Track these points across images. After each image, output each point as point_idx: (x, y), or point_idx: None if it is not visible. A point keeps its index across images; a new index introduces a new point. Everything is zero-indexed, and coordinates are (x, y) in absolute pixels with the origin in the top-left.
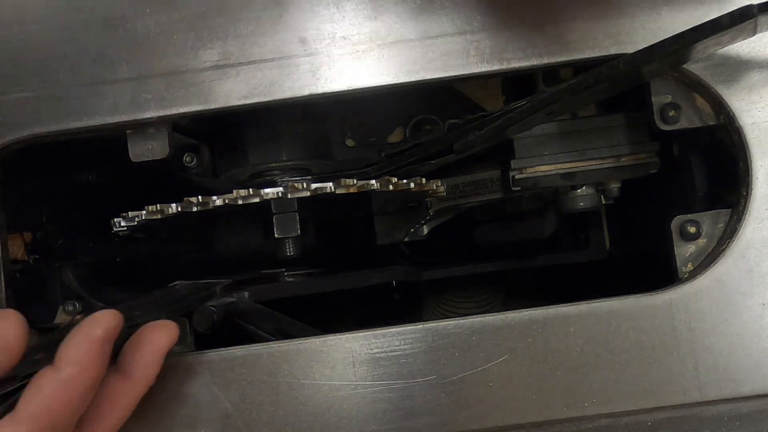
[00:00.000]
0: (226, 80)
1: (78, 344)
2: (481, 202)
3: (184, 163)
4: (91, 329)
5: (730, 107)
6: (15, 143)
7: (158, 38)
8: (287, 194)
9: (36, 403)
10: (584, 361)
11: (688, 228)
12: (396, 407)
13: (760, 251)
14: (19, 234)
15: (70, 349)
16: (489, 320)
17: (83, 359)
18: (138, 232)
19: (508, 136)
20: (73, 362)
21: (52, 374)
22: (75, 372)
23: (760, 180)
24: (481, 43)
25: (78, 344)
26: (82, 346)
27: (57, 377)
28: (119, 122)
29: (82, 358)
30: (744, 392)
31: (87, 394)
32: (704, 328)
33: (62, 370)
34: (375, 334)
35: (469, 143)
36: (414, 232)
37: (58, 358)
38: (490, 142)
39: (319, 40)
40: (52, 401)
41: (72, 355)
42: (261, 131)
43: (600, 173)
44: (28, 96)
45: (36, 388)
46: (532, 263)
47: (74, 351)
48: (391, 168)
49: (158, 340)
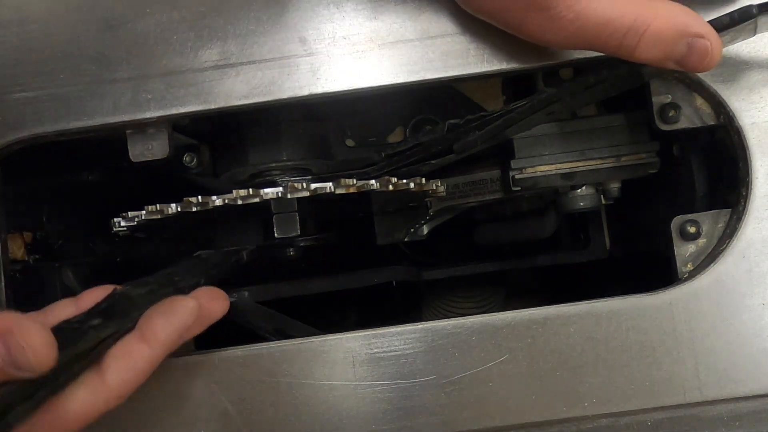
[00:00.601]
0: (226, 80)
1: (173, 329)
2: (481, 202)
3: (184, 163)
4: (185, 318)
5: (730, 107)
6: (15, 143)
7: (158, 38)
8: (287, 194)
9: (126, 374)
10: (584, 361)
11: (688, 228)
12: (396, 407)
13: (760, 251)
14: (19, 234)
15: (165, 331)
16: (489, 320)
17: (173, 344)
18: (138, 232)
19: (508, 136)
20: (166, 345)
21: (145, 349)
22: (163, 353)
23: (760, 180)
24: (481, 43)
25: (173, 329)
26: (176, 332)
27: (150, 354)
28: (119, 122)
29: (173, 343)
30: (744, 392)
31: None
32: (704, 328)
33: (155, 348)
34: (375, 334)
35: (470, 143)
36: (414, 232)
37: (151, 334)
38: (490, 142)
39: (319, 40)
40: (142, 375)
41: (167, 337)
42: (261, 131)
43: (600, 173)
44: (28, 96)
45: (129, 359)
46: (532, 263)
47: (169, 335)
48: (391, 168)
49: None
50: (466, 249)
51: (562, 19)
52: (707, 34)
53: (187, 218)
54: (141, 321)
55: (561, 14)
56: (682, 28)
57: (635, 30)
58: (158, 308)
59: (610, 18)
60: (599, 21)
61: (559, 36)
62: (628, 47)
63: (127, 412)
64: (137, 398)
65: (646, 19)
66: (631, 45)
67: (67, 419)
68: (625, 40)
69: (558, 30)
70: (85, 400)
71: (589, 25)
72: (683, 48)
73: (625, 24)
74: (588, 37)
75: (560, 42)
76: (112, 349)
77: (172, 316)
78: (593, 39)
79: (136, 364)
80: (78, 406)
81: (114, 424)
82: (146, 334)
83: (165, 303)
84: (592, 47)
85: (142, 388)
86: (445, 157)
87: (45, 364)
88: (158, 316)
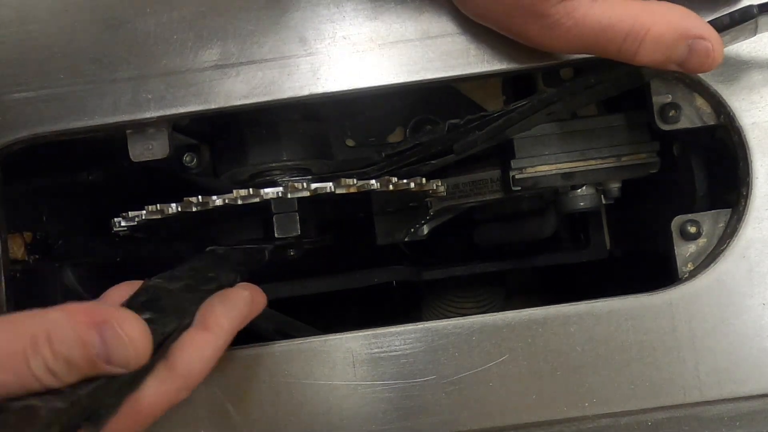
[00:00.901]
0: (226, 80)
1: (233, 317)
2: (481, 202)
3: (184, 163)
4: (242, 306)
5: (730, 107)
6: (15, 143)
7: (158, 38)
8: (287, 194)
9: (195, 363)
10: (584, 361)
11: (689, 228)
12: (396, 407)
13: (760, 251)
14: (19, 234)
15: (227, 319)
16: (489, 320)
17: (233, 333)
18: (138, 232)
19: (508, 136)
20: (228, 333)
21: (209, 337)
22: (225, 342)
23: (760, 180)
24: (481, 43)
25: (233, 317)
26: (236, 320)
27: (215, 342)
28: (119, 122)
29: (233, 331)
30: (744, 392)
31: None
32: (704, 328)
33: (219, 336)
34: (375, 334)
35: (470, 143)
36: (414, 232)
37: (214, 323)
38: (490, 142)
39: (319, 39)
40: (208, 363)
41: (229, 325)
42: (261, 131)
43: (600, 173)
44: (28, 96)
45: (196, 348)
46: (532, 263)
47: (231, 322)
48: (391, 168)
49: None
50: (466, 249)
51: (561, 26)
52: (708, 35)
53: (187, 218)
54: (201, 312)
55: (560, 21)
56: (682, 31)
57: (634, 35)
58: (216, 299)
59: (608, 24)
60: (598, 27)
61: (559, 42)
62: (628, 52)
63: None
64: None
65: (645, 23)
66: (631, 50)
67: (143, 412)
68: (624, 45)
69: (558, 36)
70: (159, 392)
71: (587, 32)
72: (684, 50)
73: (624, 29)
74: (587, 43)
75: (561, 47)
76: (177, 342)
77: (230, 305)
78: (593, 44)
79: (204, 352)
80: (152, 399)
81: None
82: (209, 323)
83: (222, 294)
84: (593, 52)
85: None
86: (445, 157)
87: (142, 357)
88: (219, 306)
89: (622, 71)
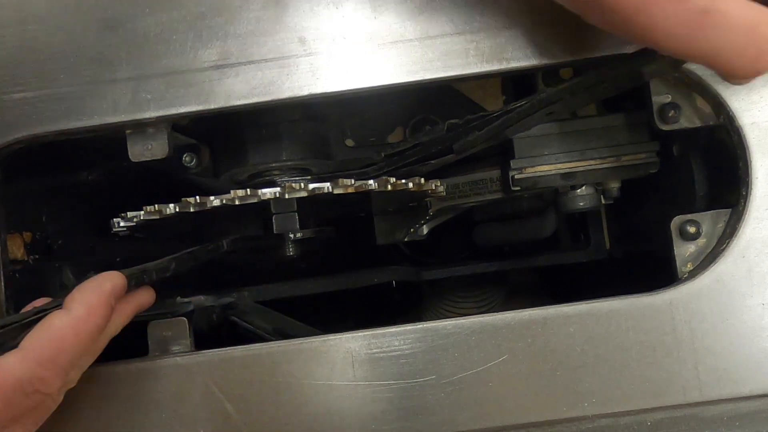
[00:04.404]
0: (226, 80)
1: (88, 291)
2: (481, 202)
3: (184, 163)
4: (101, 282)
5: (730, 107)
6: (15, 143)
7: (158, 38)
8: (284, 194)
9: (44, 339)
10: (584, 361)
11: (688, 228)
12: (396, 407)
13: (760, 251)
14: (19, 234)
15: (80, 294)
16: (489, 320)
17: (93, 304)
18: (138, 232)
19: (507, 136)
20: (83, 304)
21: (61, 315)
22: (83, 313)
23: (760, 180)
24: (481, 43)
25: (88, 291)
26: (92, 293)
27: (66, 317)
28: (119, 122)
29: (91, 303)
30: (744, 392)
31: (90, 339)
32: (704, 328)
33: (72, 310)
34: (375, 334)
35: (469, 143)
36: (414, 232)
37: (67, 301)
38: (490, 142)
39: (319, 40)
40: (60, 338)
41: (82, 298)
42: (261, 131)
43: (600, 173)
44: (28, 96)
45: (45, 325)
46: (532, 263)
47: (85, 296)
48: (390, 168)
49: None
50: (466, 249)
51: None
52: None
53: (187, 218)
54: None
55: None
56: None
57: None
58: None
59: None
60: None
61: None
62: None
63: (128, 412)
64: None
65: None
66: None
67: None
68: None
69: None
70: (7, 364)
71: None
72: None
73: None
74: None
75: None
76: None
77: (89, 283)
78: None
79: (51, 326)
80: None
81: (115, 424)
82: (65, 302)
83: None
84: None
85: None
86: (445, 157)
87: None
88: (78, 286)
89: (622, 71)
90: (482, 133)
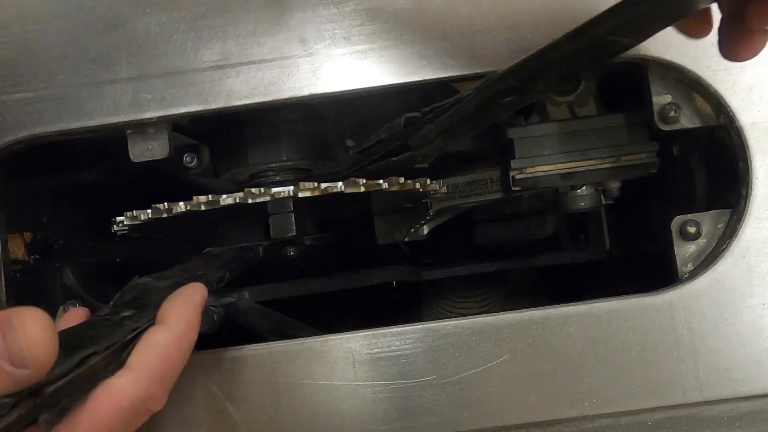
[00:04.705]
0: (226, 80)
1: (183, 305)
2: (481, 202)
3: (184, 163)
4: (191, 294)
5: (730, 107)
6: (15, 143)
7: (158, 38)
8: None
9: (152, 357)
10: (584, 361)
11: (688, 228)
12: (396, 407)
13: (760, 251)
14: (19, 234)
15: (177, 310)
16: (489, 320)
17: (190, 318)
18: (137, 233)
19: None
20: (182, 319)
21: (163, 331)
22: (184, 328)
23: (760, 180)
24: (481, 44)
25: (183, 305)
26: (186, 306)
27: (169, 333)
28: (119, 122)
29: (189, 317)
30: (744, 392)
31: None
32: (704, 328)
33: (172, 327)
34: (375, 334)
35: (423, 137)
36: (414, 232)
37: (165, 317)
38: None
39: (319, 40)
40: (166, 355)
41: (178, 312)
42: (261, 131)
43: (600, 173)
44: (28, 96)
45: (150, 342)
46: (532, 263)
47: (180, 310)
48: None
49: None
50: (466, 249)
51: None
52: None
53: (186, 219)
54: (161, 308)
55: None
56: None
57: None
58: (173, 294)
59: None
60: None
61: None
62: None
63: None
64: None
65: None
66: None
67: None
68: None
69: None
70: (115, 386)
71: None
72: None
73: None
74: None
75: None
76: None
77: (181, 298)
78: None
79: (155, 345)
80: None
81: None
82: (161, 317)
83: (178, 290)
84: None
85: None
86: (404, 155)
87: (43, 354)
88: (171, 300)
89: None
90: (434, 126)
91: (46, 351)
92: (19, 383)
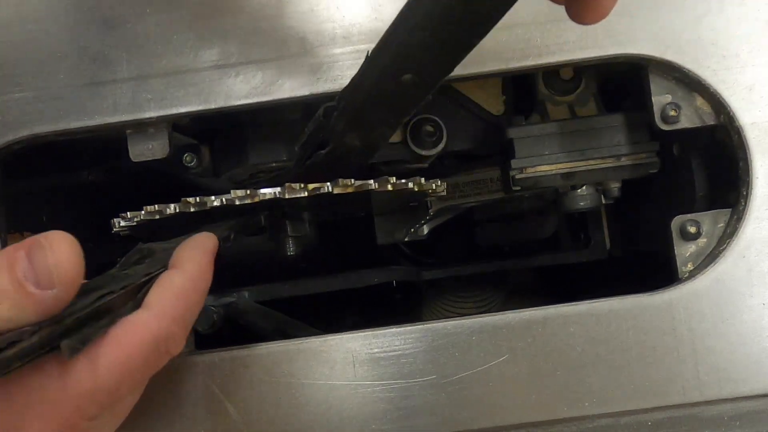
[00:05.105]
0: (226, 80)
1: (196, 251)
2: (481, 202)
3: (184, 163)
4: (204, 241)
5: (730, 107)
6: (15, 143)
7: (158, 38)
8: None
9: (169, 297)
10: (584, 361)
11: (689, 228)
12: (396, 407)
13: (760, 251)
14: (19, 234)
15: (190, 254)
16: (489, 320)
17: (202, 262)
18: (137, 233)
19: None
20: (196, 263)
21: (179, 273)
22: (197, 272)
23: (760, 180)
24: (481, 43)
25: (196, 251)
26: (198, 252)
27: (184, 274)
28: (119, 122)
29: (201, 261)
30: (744, 392)
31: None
32: (704, 328)
33: (187, 270)
34: (375, 334)
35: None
36: (414, 232)
37: (178, 261)
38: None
39: (319, 39)
40: (183, 294)
41: (191, 257)
42: (261, 131)
43: (600, 173)
44: (28, 96)
45: (166, 283)
46: (532, 263)
47: (193, 254)
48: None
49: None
50: (466, 249)
51: None
52: None
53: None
54: (173, 255)
55: None
56: None
57: None
58: (184, 242)
59: None
60: None
61: None
62: None
63: None
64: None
65: None
66: None
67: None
68: None
69: None
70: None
71: None
72: None
73: None
74: None
75: None
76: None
77: (194, 244)
78: None
79: (171, 286)
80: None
81: None
82: (175, 261)
83: (189, 238)
84: None
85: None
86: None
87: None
88: (184, 246)
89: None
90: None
91: (74, 269)
92: (42, 308)
